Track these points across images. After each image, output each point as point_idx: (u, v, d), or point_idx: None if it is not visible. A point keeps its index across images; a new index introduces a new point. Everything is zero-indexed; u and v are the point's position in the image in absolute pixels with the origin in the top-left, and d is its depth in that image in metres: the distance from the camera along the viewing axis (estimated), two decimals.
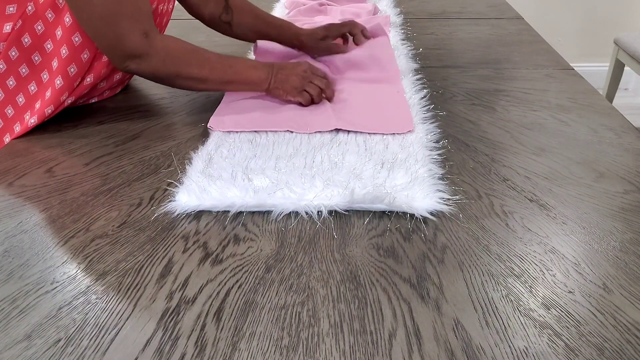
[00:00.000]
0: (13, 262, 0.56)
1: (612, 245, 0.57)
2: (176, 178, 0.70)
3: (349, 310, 0.49)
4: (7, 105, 0.84)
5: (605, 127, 0.83)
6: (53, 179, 0.71)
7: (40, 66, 0.83)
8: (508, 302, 0.50)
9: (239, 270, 0.54)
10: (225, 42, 1.24)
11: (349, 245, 0.58)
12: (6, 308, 0.50)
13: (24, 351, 0.46)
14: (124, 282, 0.53)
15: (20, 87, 0.83)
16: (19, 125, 0.84)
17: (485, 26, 1.35)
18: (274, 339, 0.46)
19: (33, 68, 0.83)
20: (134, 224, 0.62)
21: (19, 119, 0.84)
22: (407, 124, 0.81)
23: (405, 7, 1.52)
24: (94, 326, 0.48)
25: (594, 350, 0.45)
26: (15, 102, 0.84)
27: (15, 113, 0.84)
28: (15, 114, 0.84)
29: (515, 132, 0.82)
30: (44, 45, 0.82)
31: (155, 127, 0.85)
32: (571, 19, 2.75)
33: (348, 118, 0.82)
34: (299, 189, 0.65)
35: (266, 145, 0.76)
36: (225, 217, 0.63)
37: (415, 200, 0.63)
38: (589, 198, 0.65)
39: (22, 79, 0.83)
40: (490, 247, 0.57)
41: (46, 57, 0.83)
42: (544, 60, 1.11)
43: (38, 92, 0.84)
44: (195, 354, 0.45)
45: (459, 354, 0.45)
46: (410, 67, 1.05)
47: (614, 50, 2.25)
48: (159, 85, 1.00)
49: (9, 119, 0.84)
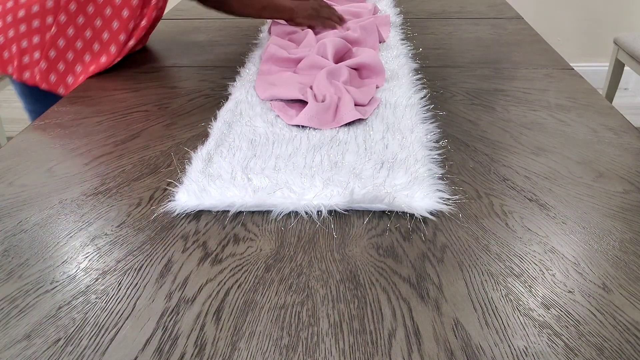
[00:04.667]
0: (13, 261, 0.56)
1: (612, 245, 0.57)
2: (176, 178, 0.70)
3: (348, 310, 0.49)
4: (67, 51, 1.03)
5: (605, 126, 0.83)
6: (53, 179, 0.71)
7: (94, 15, 1.03)
8: (508, 302, 0.50)
9: (239, 270, 0.54)
10: (225, 41, 1.25)
11: (349, 245, 0.58)
12: (6, 307, 0.50)
13: (24, 351, 0.46)
14: (124, 282, 0.53)
15: (77, 34, 1.03)
16: (80, 66, 1.04)
17: (485, 26, 1.35)
18: (273, 338, 0.46)
19: (87, 17, 1.03)
20: (134, 223, 0.62)
21: (79, 61, 1.04)
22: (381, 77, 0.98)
23: (405, 7, 1.52)
24: (93, 326, 0.48)
25: (594, 350, 0.45)
26: (75, 48, 1.04)
27: (75, 57, 1.04)
28: (75, 57, 1.04)
29: (514, 131, 0.82)
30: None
31: (155, 127, 0.85)
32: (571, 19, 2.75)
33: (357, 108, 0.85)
34: (298, 188, 0.65)
35: (266, 145, 0.76)
36: (224, 216, 0.63)
37: (415, 200, 0.63)
38: (589, 198, 0.65)
39: (79, 27, 1.03)
40: (489, 247, 0.57)
41: (89, 17, 1.03)
42: (543, 60, 1.11)
43: (93, 36, 1.04)
44: (195, 353, 0.45)
45: (459, 353, 0.45)
46: (410, 67, 1.05)
47: (614, 50, 2.25)
48: (158, 84, 1.00)
49: (69, 62, 1.04)
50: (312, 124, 0.81)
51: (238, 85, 0.97)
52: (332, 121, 0.82)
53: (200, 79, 1.03)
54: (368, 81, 0.98)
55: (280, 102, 0.89)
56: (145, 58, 1.15)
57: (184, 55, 1.17)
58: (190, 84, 1.01)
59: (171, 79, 1.04)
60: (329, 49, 1.02)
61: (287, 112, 0.86)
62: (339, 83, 0.91)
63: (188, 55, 1.18)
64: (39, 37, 1.01)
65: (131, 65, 1.11)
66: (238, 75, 1.02)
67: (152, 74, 1.06)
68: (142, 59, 1.15)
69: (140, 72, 1.08)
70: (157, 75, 1.06)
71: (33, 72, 1.03)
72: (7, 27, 1.01)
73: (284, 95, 0.89)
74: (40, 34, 1.01)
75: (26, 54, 1.02)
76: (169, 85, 1.01)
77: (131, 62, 1.12)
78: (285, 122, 0.83)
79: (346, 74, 0.95)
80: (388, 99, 0.91)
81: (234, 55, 1.15)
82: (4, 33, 1.01)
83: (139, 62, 1.13)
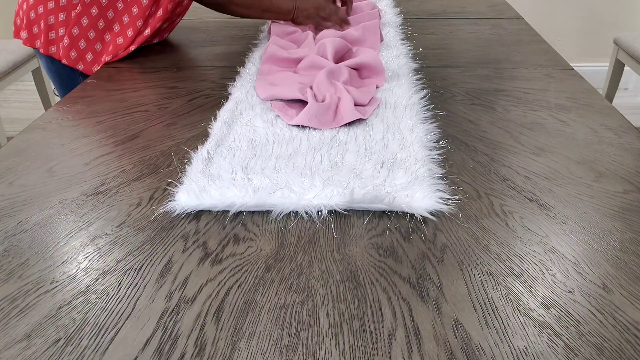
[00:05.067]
0: (13, 261, 0.56)
1: (612, 245, 0.57)
2: (176, 178, 0.70)
3: (348, 310, 0.49)
4: (89, 29, 1.09)
5: (605, 126, 0.83)
6: (53, 179, 0.71)
7: (107, 6, 1.09)
8: (508, 302, 0.50)
9: (239, 270, 0.54)
10: (225, 41, 1.25)
11: (349, 245, 0.58)
12: (6, 307, 0.50)
13: (24, 351, 0.46)
14: (124, 282, 0.53)
15: (100, 13, 1.09)
16: (100, 44, 1.11)
17: (485, 26, 1.35)
18: (273, 338, 0.46)
19: (101, 7, 1.09)
20: (134, 223, 0.62)
21: (99, 39, 1.11)
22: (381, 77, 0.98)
23: (405, 7, 1.52)
24: (93, 326, 0.48)
25: (594, 350, 0.45)
26: (97, 27, 1.10)
27: (95, 35, 1.10)
28: (96, 36, 1.10)
29: (515, 131, 0.82)
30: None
31: (155, 127, 0.85)
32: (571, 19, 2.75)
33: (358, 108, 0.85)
34: (298, 188, 0.65)
35: (266, 145, 0.76)
36: (225, 216, 0.63)
37: (415, 200, 0.63)
38: (589, 198, 0.65)
39: (103, 7, 1.09)
40: (490, 247, 0.57)
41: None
42: (543, 60, 1.11)
43: (115, 17, 1.10)
44: (195, 353, 0.45)
45: (459, 353, 0.45)
46: (410, 67, 1.05)
47: (614, 50, 2.25)
48: (158, 84, 1.00)
49: (90, 40, 1.10)
50: (312, 124, 0.81)
51: (238, 85, 0.97)
52: (332, 121, 0.82)
53: (200, 79, 1.03)
54: (368, 81, 0.98)
55: (280, 102, 0.89)
56: (145, 58, 1.15)
57: (184, 55, 1.17)
58: (190, 84, 1.01)
59: (171, 79, 1.04)
60: (329, 48, 1.02)
61: (287, 112, 0.86)
62: (339, 83, 0.91)
63: (188, 55, 1.18)
64: (64, 14, 1.08)
65: (131, 65, 1.11)
66: (238, 75, 1.02)
67: (152, 74, 1.06)
68: (143, 59, 1.15)
69: (140, 72, 1.08)
70: (157, 75, 1.06)
71: (58, 47, 1.11)
72: (37, 4, 1.09)
73: (284, 95, 0.89)
74: (66, 12, 1.08)
75: (52, 30, 1.10)
76: (169, 85, 1.01)
77: (131, 62, 1.12)
78: (285, 122, 0.83)
79: (346, 74, 0.95)
80: (388, 99, 0.91)
81: (234, 55, 1.15)
82: (35, 9, 1.09)
83: (139, 62, 1.13)
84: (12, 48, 2.16)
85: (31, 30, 1.11)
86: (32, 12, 1.09)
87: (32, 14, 1.10)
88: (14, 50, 2.15)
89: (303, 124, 0.81)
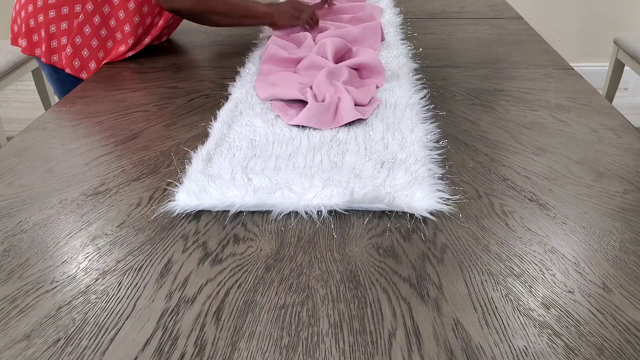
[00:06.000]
0: (13, 261, 0.56)
1: (612, 245, 0.57)
2: (176, 178, 0.70)
3: (348, 310, 0.49)
4: (91, 38, 1.10)
5: (605, 126, 0.83)
6: (53, 179, 0.71)
7: (118, 6, 1.10)
8: (508, 302, 0.50)
9: (239, 270, 0.54)
10: (225, 41, 1.25)
11: (349, 245, 0.58)
12: (6, 307, 0.50)
13: (24, 351, 0.46)
14: (124, 282, 0.53)
15: (103, 22, 1.10)
16: (102, 52, 1.12)
17: (485, 26, 1.35)
18: (273, 338, 0.46)
19: (112, 7, 1.10)
20: (134, 223, 0.62)
21: (102, 47, 1.11)
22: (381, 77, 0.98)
23: (405, 7, 1.52)
24: (93, 326, 0.48)
25: (594, 350, 0.45)
26: (99, 35, 1.11)
27: (98, 44, 1.11)
28: (99, 44, 1.11)
29: (514, 131, 0.82)
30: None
31: (155, 127, 0.85)
32: (571, 19, 2.75)
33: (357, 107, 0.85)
34: (298, 188, 0.65)
35: (266, 145, 0.76)
36: (224, 216, 0.63)
37: (415, 200, 0.63)
38: (589, 198, 0.65)
39: (105, 15, 1.10)
40: (490, 247, 0.57)
41: (114, 8, 1.10)
42: (543, 60, 1.11)
43: (117, 26, 1.11)
44: (195, 353, 0.45)
45: (459, 353, 0.45)
46: (410, 67, 1.05)
47: (614, 50, 2.25)
48: (158, 84, 1.00)
49: (93, 49, 1.11)
50: (312, 124, 0.81)
51: (238, 85, 0.97)
52: (332, 121, 0.82)
53: (200, 79, 1.03)
54: (368, 81, 0.98)
55: (280, 102, 0.89)
56: (145, 58, 1.15)
57: (184, 55, 1.17)
58: (190, 84, 1.01)
59: (171, 79, 1.04)
60: (329, 48, 1.02)
61: (287, 112, 0.86)
62: (339, 83, 0.91)
63: (188, 55, 1.18)
64: (66, 23, 1.08)
65: (131, 65, 1.11)
66: (238, 75, 1.02)
67: (152, 74, 1.06)
68: (143, 59, 1.15)
69: (140, 72, 1.08)
70: (157, 75, 1.06)
71: (60, 56, 1.11)
72: (37, 12, 1.08)
73: (284, 95, 0.89)
74: (68, 21, 1.08)
75: (54, 39, 1.09)
76: (168, 86, 1.01)
77: (131, 62, 1.12)
78: (285, 122, 0.83)
79: (346, 74, 0.94)
80: (388, 99, 0.91)
81: (234, 55, 1.15)
82: (34, 17, 1.08)
83: (140, 62, 1.13)
84: (12, 48, 2.16)
85: (31, 39, 1.10)
86: (32, 20, 1.08)
87: (32, 22, 1.09)
88: (14, 50, 2.15)
89: (303, 124, 0.81)
